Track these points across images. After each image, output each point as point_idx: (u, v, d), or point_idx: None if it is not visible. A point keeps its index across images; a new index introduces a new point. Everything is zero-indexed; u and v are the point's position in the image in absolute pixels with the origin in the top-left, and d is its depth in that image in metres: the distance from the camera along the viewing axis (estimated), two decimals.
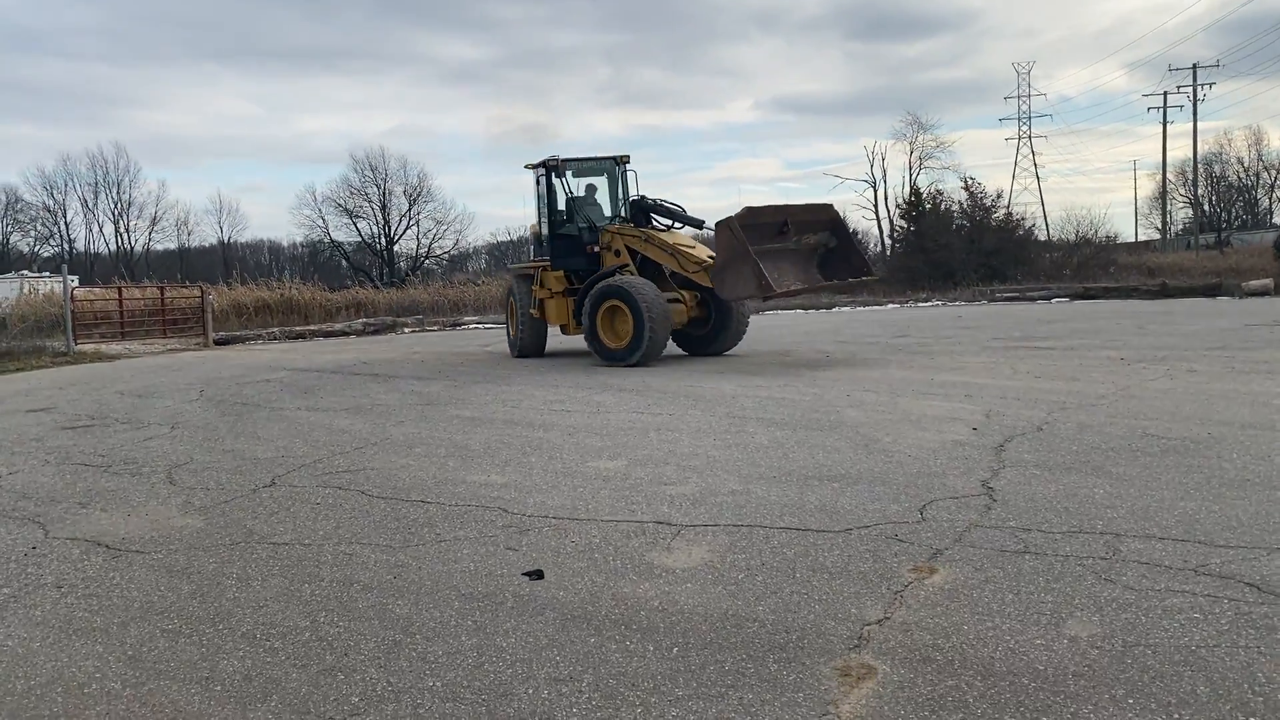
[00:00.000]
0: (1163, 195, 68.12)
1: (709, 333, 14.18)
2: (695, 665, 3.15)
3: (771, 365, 12.36)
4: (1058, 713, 2.74)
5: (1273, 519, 4.47)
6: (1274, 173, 70.34)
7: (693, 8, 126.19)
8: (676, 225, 14.46)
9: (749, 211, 12.52)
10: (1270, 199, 72.07)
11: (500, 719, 2.85)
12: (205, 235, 74.28)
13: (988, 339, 15.48)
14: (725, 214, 12.26)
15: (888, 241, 50.44)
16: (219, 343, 23.29)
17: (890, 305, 31.36)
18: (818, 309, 30.58)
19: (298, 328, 26.91)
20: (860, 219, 50.57)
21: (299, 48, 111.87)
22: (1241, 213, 74.03)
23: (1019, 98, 71.70)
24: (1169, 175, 67.58)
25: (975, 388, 9.31)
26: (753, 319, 16.12)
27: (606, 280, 13.22)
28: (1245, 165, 71.54)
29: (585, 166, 15.40)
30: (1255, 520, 4.46)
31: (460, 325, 28.23)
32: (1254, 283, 28.90)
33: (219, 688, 3.14)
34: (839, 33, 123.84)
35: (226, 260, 61.69)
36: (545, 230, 15.07)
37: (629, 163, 15.10)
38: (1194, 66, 58.33)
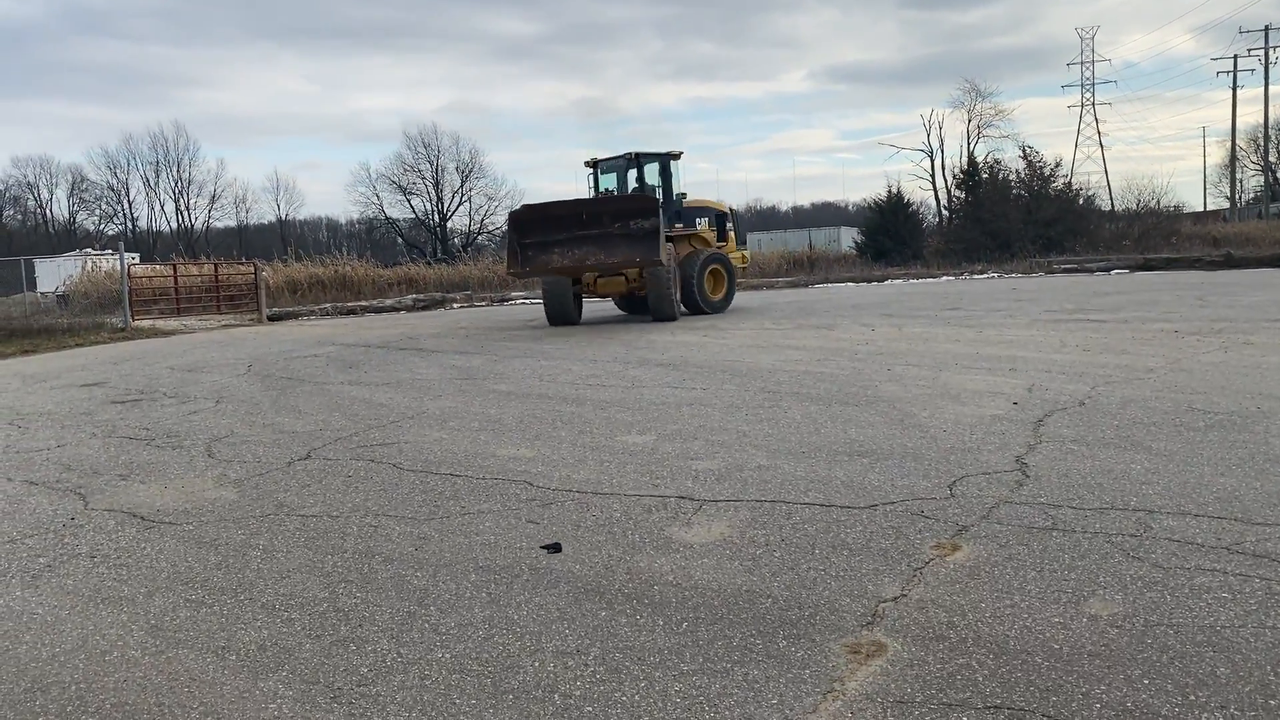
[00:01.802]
0: (1231, 163, 65.98)
1: (642, 299, 17.20)
2: (703, 640, 3.13)
3: (814, 339, 12.24)
4: (1068, 692, 2.67)
5: None
6: None
7: None
8: None
9: (525, 209, 16.76)
10: None
11: (505, 691, 2.86)
12: (263, 213, 75.56)
13: (1039, 311, 15.16)
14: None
15: (945, 212, 49.58)
16: (272, 319, 23.66)
17: (945, 278, 30.87)
18: (870, 281, 30.22)
19: (350, 303, 27.25)
20: (917, 189, 49.63)
21: (354, 25, 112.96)
22: None
23: (1082, 64, 69.90)
24: (1239, 142, 65.43)
25: (1021, 361, 9.13)
26: (806, 291, 19.89)
27: None
28: None
29: (611, 164, 18.57)
30: None
31: (508, 300, 28.36)
32: None
33: (234, 657, 3.19)
34: (894, 0, 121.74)
35: (284, 237, 62.69)
36: None
37: (643, 160, 18.08)
38: (1266, 29, 56.35)
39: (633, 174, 18.42)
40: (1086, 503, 4.41)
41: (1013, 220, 37.60)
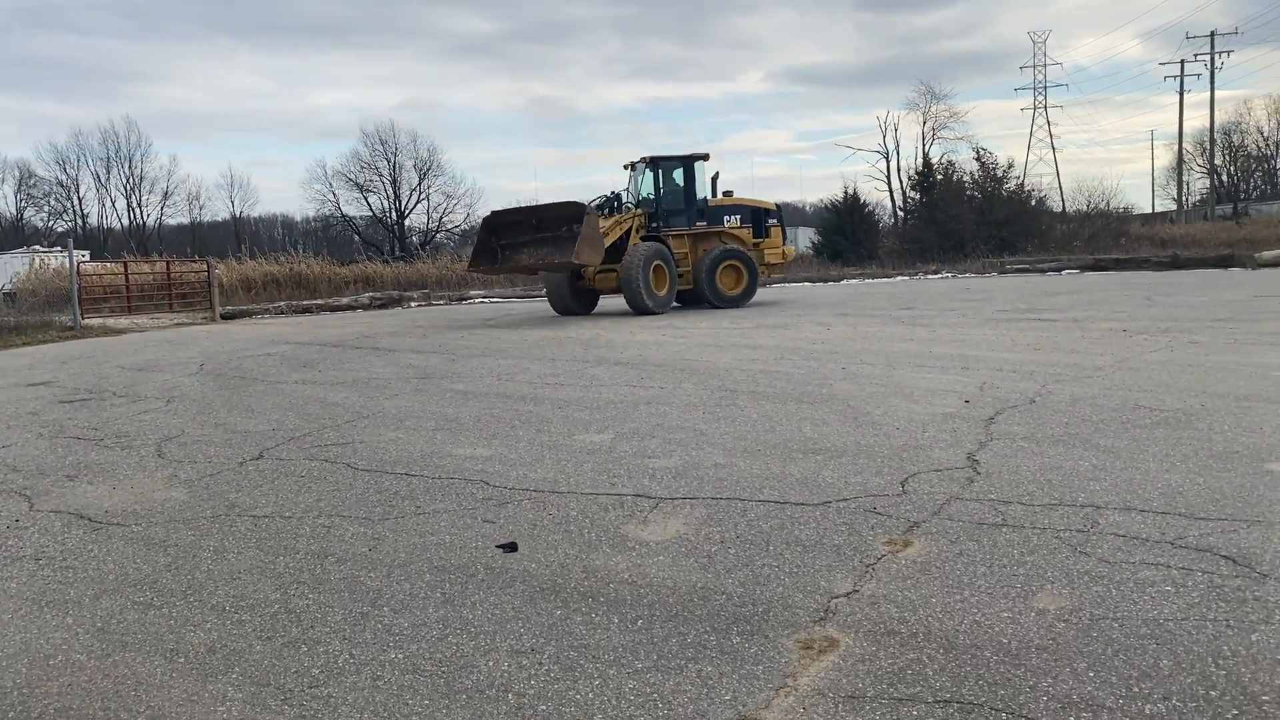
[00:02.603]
0: (1179, 166, 67.43)
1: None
2: (658, 638, 3.14)
3: (770, 338, 12.32)
4: (1016, 686, 2.72)
5: (1256, 491, 4.43)
6: None
7: None
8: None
9: (494, 214, 19.37)
10: None
11: (458, 691, 2.85)
12: (217, 210, 74.58)
13: (992, 311, 15.38)
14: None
15: (900, 213, 50.06)
16: (225, 317, 23.34)
17: (900, 278, 31.19)
18: (826, 281, 30.46)
19: (305, 302, 26.95)
20: (873, 190, 50.09)
21: (312, 22, 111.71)
22: (1260, 182, 73.21)
23: (1034, 67, 70.99)
24: (1186, 145, 66.84)
25: (973, 360, 9.25)
26: (764, 291, 20.87)
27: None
28: (1265, 134, 70.69)
29: (640, 167, 19.72)
30: (1239, 493, 4.42)
31: (466, 299, 28.22)
32: (1267, 254, 28.62)
33: (182, 660, 3.14)
34: (850, 3, 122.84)
35: (238, 235, 61.80)
36: None
37: (660, 163, 19.31)
38: (1212, 34, 57.63)
39: (651, 176, 19.45)
40: (1035, 499, 4.48)
41: (966, 221, 38.06)
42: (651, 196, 19.36)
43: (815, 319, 15.20)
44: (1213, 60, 58.14)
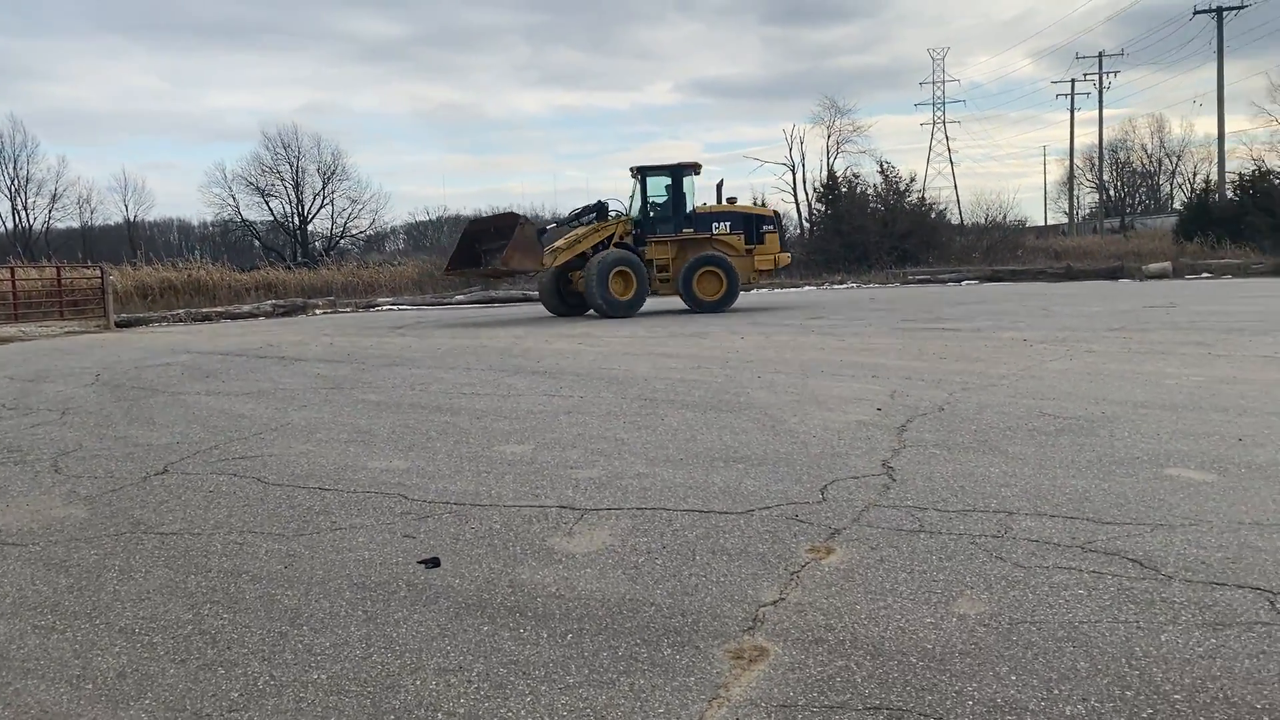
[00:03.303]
0: (1070, 180, 70.10)
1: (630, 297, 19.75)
2: (589, 652, 3.12)
3: (687, 347, 12.40)
4: (943, 691, 2.77)
5: (1158, 496, 4.61)
6: (1175, 159, 72.95)
7: None
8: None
9: (471, 222, 21.80)
10: (1171, 184, 74.70)
11: (385, 712, 2.78)
12: (109, 214, 71.53)
13: (898, 320, 15.74)
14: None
15: (806, 225, 50.94)
16: (120, 325, 22.50)
17: (807, 287, 31.74)
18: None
19: (204, 309, 26.15)
20: (780, 201, 50.86)
21: (209, 21, 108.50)
22: (1144, 198, 76.64)
23: (933, 83, 73.06)
24: (1076, 161, 69.56)
25: (882, 369, 9.45)
26: (675, 299, 20.81)
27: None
28: (1148, 152, 74.08)
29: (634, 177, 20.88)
30: (1142, 497, 4.60)
31: (374, 307, 27.74)
32: (1153, 266, 29.99)
33: (90, 686, 3.00)
34: (756, 17, 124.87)
35: (132, 239, 59.59)
36: None
37: (648, 172, 20.36)
38: (1100, 55, 60.15)
39: (639, 185, 20.45)
40: (950, 505, 4.59)
41: (870, 233, 38.90)
42: (640, 205, 20.46)
43: (729, 328, 15.35)
44: (1101, 80, 60.72)
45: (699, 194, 20.94)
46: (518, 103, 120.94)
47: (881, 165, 43.60)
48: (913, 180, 43.91)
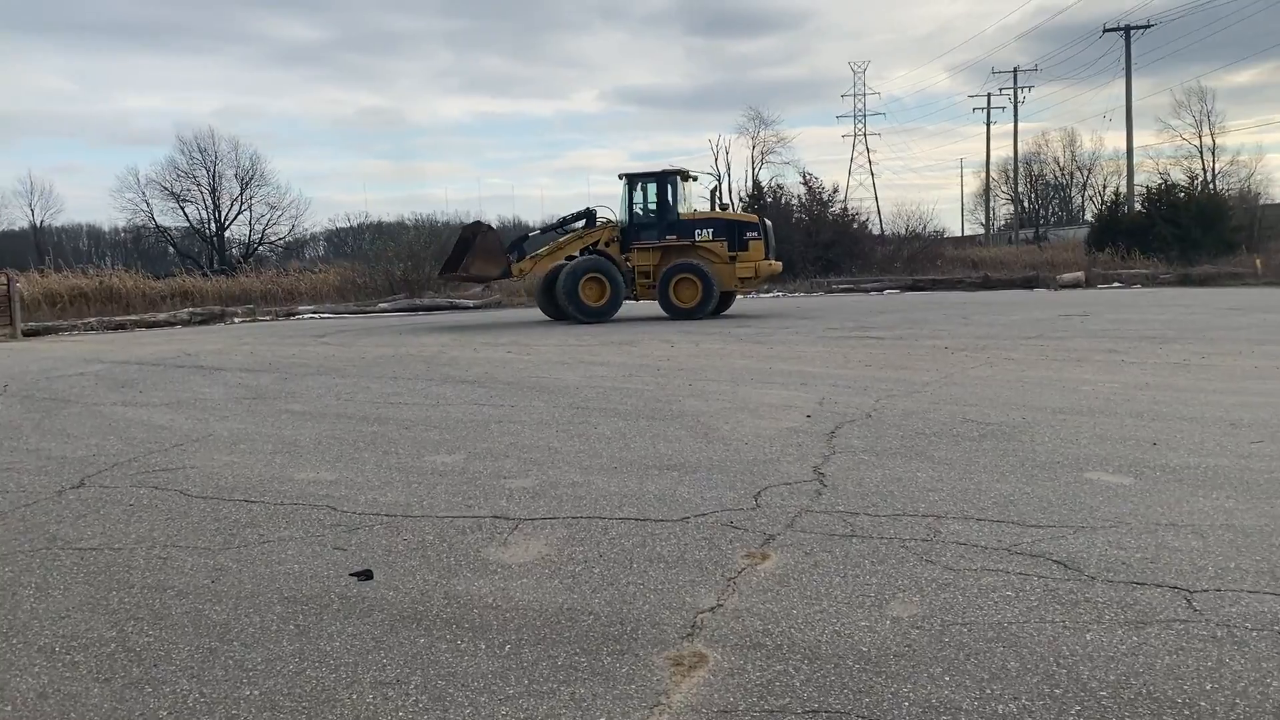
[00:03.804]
0: (986, 192, 71.86)
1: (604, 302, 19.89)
2: (528, 662, 3.10)
3: (617, 355, 12.41)
4: (879, 693, 2.82)
5: (1079, 498, 4.76)
6: (1086, 172, 75.40)
7: None
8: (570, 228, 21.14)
9: (465, 228, 21.42)
10: (1083, 196, 77.20)
11: None
12: (14, 218, 68.96)
13: (823, 329, 15.98)
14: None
15: None
16: (28, 334, 21.69)
17: None
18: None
19: (118, 318, 25.32)
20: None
21: (121, 22, 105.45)
22: (1057, 209, 79.07)
23: (854, 96, 74.36)
24: (992, 173, 71.40)
25: (810, 376, 9.58)
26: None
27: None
28: (1061, 165, 76.47)
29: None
30: (1064, 500, 4.74)
31: (295, 315, 27.19)
32: (1067, 275, 30.92)
33: (9, 708, 2.89)
34: (680, 27, 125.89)
35: (39, 245, 57.53)
36: None
37: (634, 179, 20.41)
38: (1015, 70, 61.81)
39: (626, 191, 20.46)
40: (880, 510, 4.67)
41: (795, 242, 39.30)
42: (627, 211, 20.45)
43: (659, 336, 15.40)
44: (1015, 95, 62.37)
45: (699, 202, 21.04)
46: (440, 109, 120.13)
47: (805, 176, 44.22)
48: (836, 191, 44.58)
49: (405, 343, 15.68)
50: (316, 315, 26.98)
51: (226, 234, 57.95)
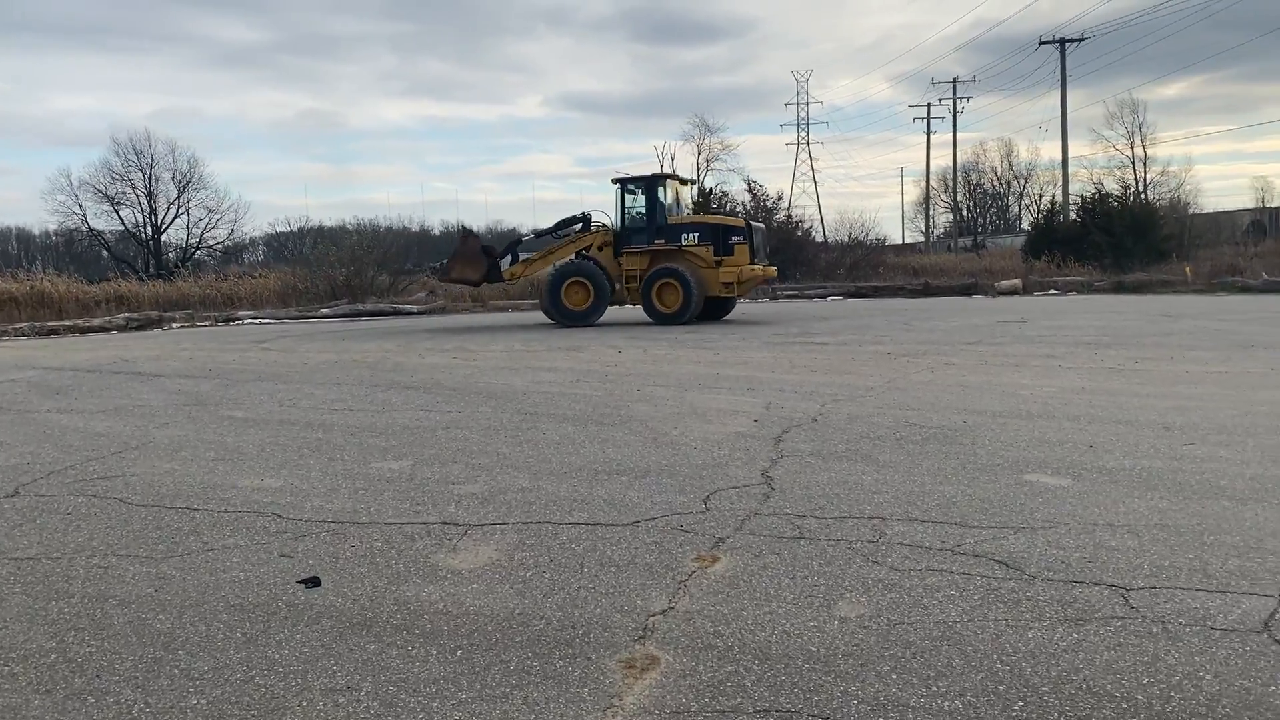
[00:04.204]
0: (926, 200, 73.14)
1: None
2: (479, 667, 3.10)
3: (564, 361, 12.40)
4: (828, 691, 2.86)
5: (1018, 500, 4.87)
6: (1023, 181, 77.08)
7: (480, 0, 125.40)
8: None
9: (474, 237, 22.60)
10: (1020, 205, 78.87)
11: None
12: None
13: (769, 335, 16.12)
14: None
15: None
16: None
17: None
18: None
19: (50, 323, 24.69)
20: None
21: (54, 21, 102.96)
22: (995, 218, 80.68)
23: (797, 105, 75.24)
24: (932, 182, 72.63)
25: (757, 382, 9.67)
26: (537, 315, 21.41)
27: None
28: (998, 174, 78.08)
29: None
30: (1004, 502, 4.84)
31: (235, 320, 26.75)
32: (1004, 283, 31.53)
33: None
34: (625, 34, 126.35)
35: None
36: None
37: (626, 184, 20.45)
38: (954, 81, 62.92)
39: (618, 196, 20.58)
40: (827, 512, 4.73)
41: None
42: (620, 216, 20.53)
43: (606, 342, 15.42)
44: (955, 105, 63.51)
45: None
46: (383, 112, 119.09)
47: (749, 183, 44.58)
48: (780, 199, 45.00)
49: (348, 348, 15.51)
50: (257, 321, 26.56)
51: (163, 238, 56.77)
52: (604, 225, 20.70)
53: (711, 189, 45.40)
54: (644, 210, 20.27)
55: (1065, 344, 13.10)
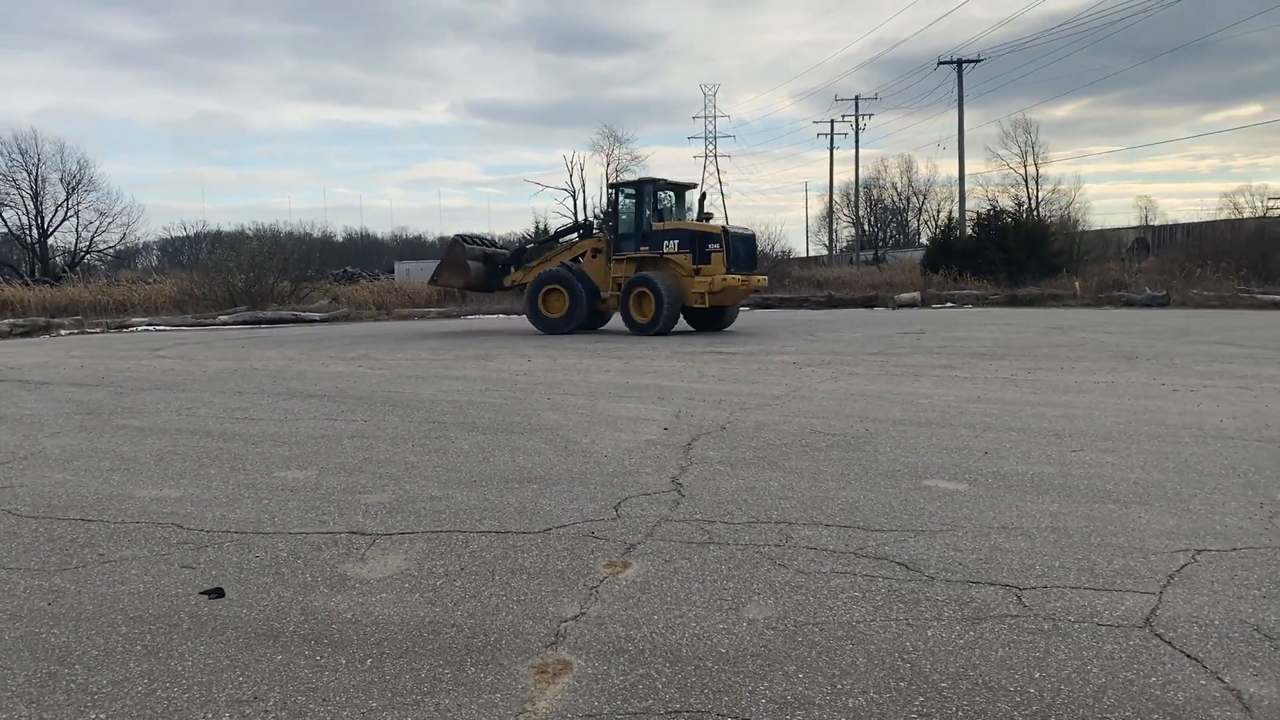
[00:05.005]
0: (829, 214, 74.71)
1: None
2: (390, 675, 3.08)
3: (473, 369, 12.31)
4: (737, 691, 2.93)
5: (918, 504, 5.03)
6: (922, 197, 79.38)
7: (385, 5, 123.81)
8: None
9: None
10: (918, 220, 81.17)
11: None
12: None
13: (678, 344, 16.27)
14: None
15: None
16: None
17: None
18: (521, 314, 30.79)
19: None
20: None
21: None
22: (895, 232, 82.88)
23: (705, 119, 76.18)
24: (835, 196, 74.23)
25: (666, 390, 9.76)
26: (459, 322, 22.12)
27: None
28: (898, 190, 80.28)
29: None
30: (905, 506, 5.00)
31: (128, 327, 25.82)
32: (904, 295, 32.40)
33: None
34: (533, 44, 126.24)
35: None
36: None
37: (619, 188, 20.50)
38: (856, 98, 64.47)
39: (610, 200, 20.75)
40: (736, 517, 4.82)
41: None
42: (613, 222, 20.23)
43: (516, 350, 15.36)
44: (857, 122, 65.10)
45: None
46: (284, 116, 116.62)
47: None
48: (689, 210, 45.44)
49: (249, 356, 15.13)
50: (152, 328, 25.68)
51: (50, 241, 54.53)
52: (597, 232, 20.62)
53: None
54: (633, 216, 19.80)
55: (962, 355, 13.53)
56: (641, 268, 19.22)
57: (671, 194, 20.44)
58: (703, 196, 20.06)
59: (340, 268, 50.73)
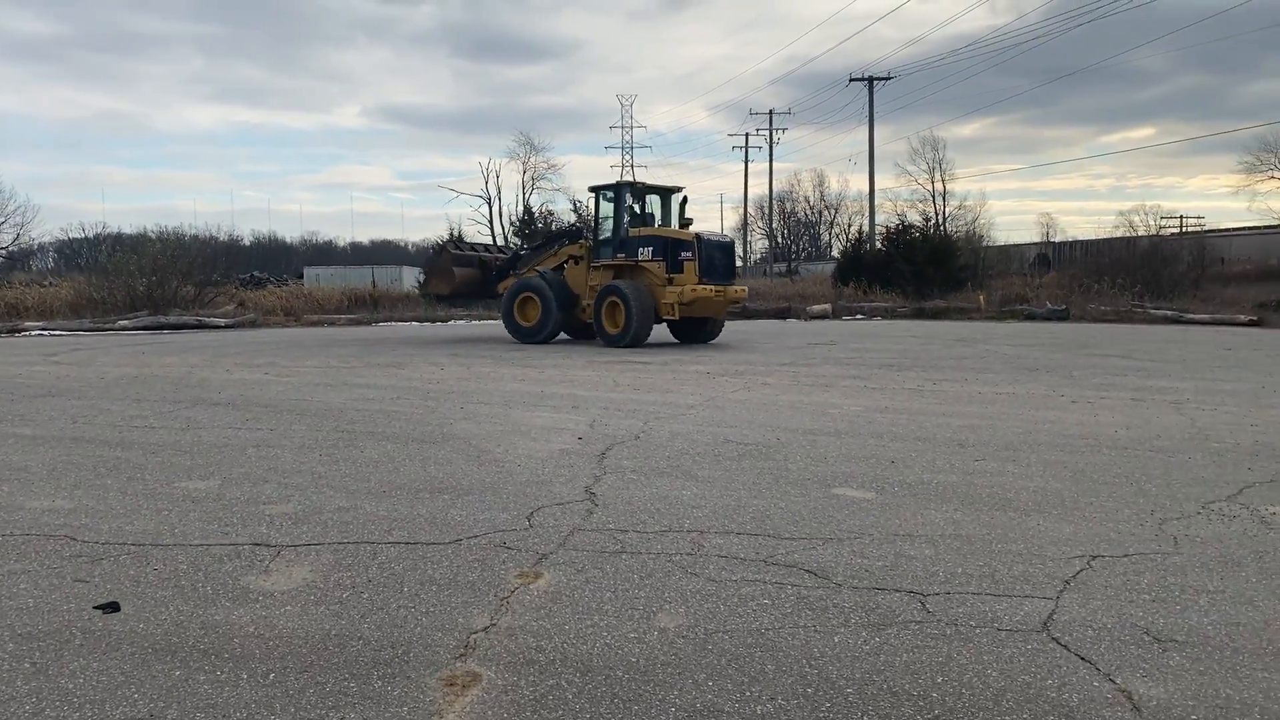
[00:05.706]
0: (744, 226, 75.55)
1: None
2: (293, 690, 3.00)
3: (384, 378, 12.12)
4: (647, 700, 2.93)
5: (827, 512, 5.12)
6: (833, 211, 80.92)
7: (296, 6, 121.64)
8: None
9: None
10: (830, 234, 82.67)
11: None
12: None
13: (593, 354, 16.27)
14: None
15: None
16: None
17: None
18: (434, 321, 30.44)
19: None
20: (477, 234, 51.10)
21: None
22: (808, 245, 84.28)
23: (622, 128, 76.42)
24: (750, 209, 75.15)
25: (581, 400, 9.75)
26: (371, 329, 21.77)
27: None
28: (811, 203, 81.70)
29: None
30: (814, 514, 5.08)
31: (21, 331, 24.77)
32: (816, 307, 33.00)
33: None
34: (447, 49, 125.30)
35: None
36: None
37: (598, 191, 19.63)
38: (770, 112, 65.46)
39: (592, 205, 20.40)
40: (648, 526, 4.84)
41: None
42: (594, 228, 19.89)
43: (428, 358, 15.17)
44: (771, 135, 66.12)
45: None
46: (190, 117, 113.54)
47: (575, 204, 44.95)
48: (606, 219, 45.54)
49: (149, 362, 14.65)
50: (46, 332, 24.67)
51: None
52: (584, 238, 19.99)
53: (536, 209, 45.55)
54: (611, 221, 18.95)
55: (871, 366, 13.82)
56: (619, 276, 18.41)
57: (656, 198, 19.59)
58: (684, 200, 19.08)
59: (247, 272, 49.52)
